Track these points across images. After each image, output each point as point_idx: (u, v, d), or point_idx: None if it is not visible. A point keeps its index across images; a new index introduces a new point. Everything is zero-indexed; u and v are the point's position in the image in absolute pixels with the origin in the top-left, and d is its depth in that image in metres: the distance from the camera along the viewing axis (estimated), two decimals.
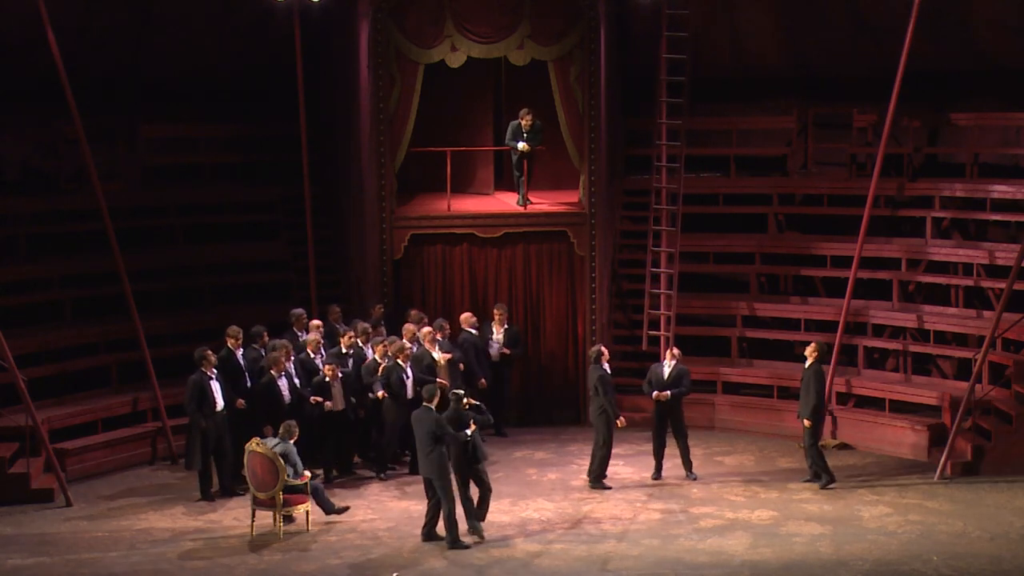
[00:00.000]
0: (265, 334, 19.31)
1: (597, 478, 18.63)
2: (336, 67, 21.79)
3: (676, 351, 19.31)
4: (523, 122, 21.30)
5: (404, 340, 19.34)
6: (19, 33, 20.53)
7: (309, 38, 21.34)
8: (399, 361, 18.93)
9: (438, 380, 18.48)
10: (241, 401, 18.53)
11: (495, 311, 20.77)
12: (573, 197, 22.10)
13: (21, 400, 18.13)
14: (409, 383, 18.94)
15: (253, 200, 22.70)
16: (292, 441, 16.93)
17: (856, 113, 22.18)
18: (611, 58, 21.59)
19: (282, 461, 16.77)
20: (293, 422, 17.20)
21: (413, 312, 20.40)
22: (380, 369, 18.93)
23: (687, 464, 18.97)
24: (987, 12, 21.28)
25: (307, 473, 17.33)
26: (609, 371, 18.76)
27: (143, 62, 22.20)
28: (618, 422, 18.47)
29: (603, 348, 18.89)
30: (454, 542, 16.26)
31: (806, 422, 18.44)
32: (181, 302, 21.58)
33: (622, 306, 22.27)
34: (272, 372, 18.43)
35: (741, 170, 22.94)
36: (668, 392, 18.77)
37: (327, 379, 18.71)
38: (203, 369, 18.13)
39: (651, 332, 21.43)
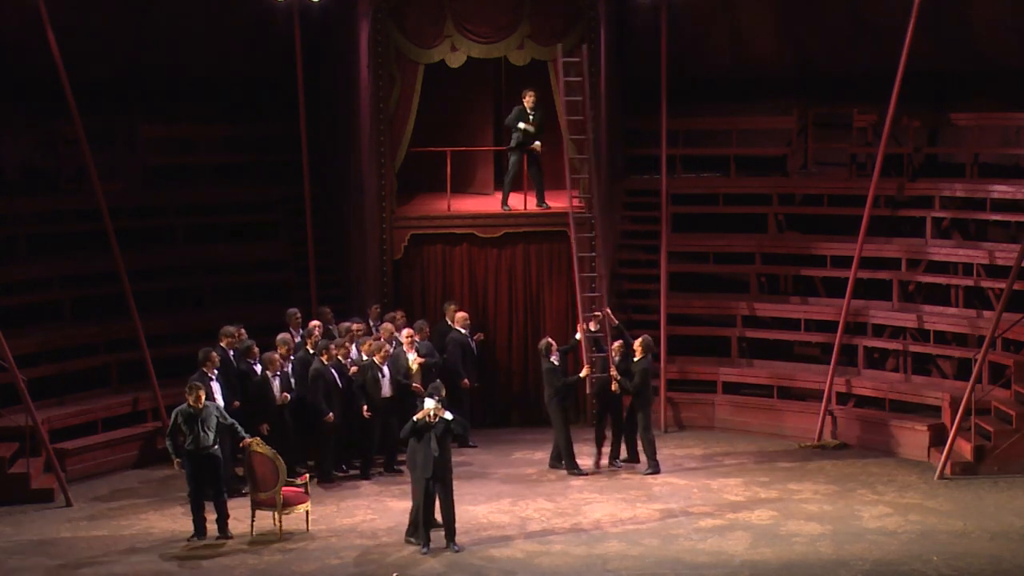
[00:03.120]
0: (242, 331, 19.30)
1: (571, 464, 19.17)
2: (336, 67, 21.78)
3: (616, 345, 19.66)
4: (527, 101, 21.20)
5: (382, 340, 19.36)
6: (19, 33, 20.52)
7: (309, 38, 21.33)
8: (375, 360, 18.94)
9: (414, 385, 19.01)
10: (236, 403, 18.54)
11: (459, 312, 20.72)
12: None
13: (21, 400, 18.14)
14: (385, 382, 18.98)
15: (253, 200, 22.67)
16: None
17: (856, 113, 22.17)
18: (611, 58, 21.58)
19: (282, 460, 16.81)
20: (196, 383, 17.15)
21: (399, 313, 20.49)
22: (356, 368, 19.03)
23: (615, 453, 19.48)
24: (987, 12, 21.29)
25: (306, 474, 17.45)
26: (557, 363, 19.34)
27: (143, 62, 22.18)
28: (584, 372, 19.43)
29: (551, 341, 19.43)
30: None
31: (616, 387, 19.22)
32: (181, 302, 21.58)
33: (622, 306, 22.26)
34: (268, 372, 18.43)
35: (741, 170, 22.94)
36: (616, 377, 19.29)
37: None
38: (204, 370, 18.12)
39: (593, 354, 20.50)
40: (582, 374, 19.54)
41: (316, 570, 15.85)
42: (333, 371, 18.81)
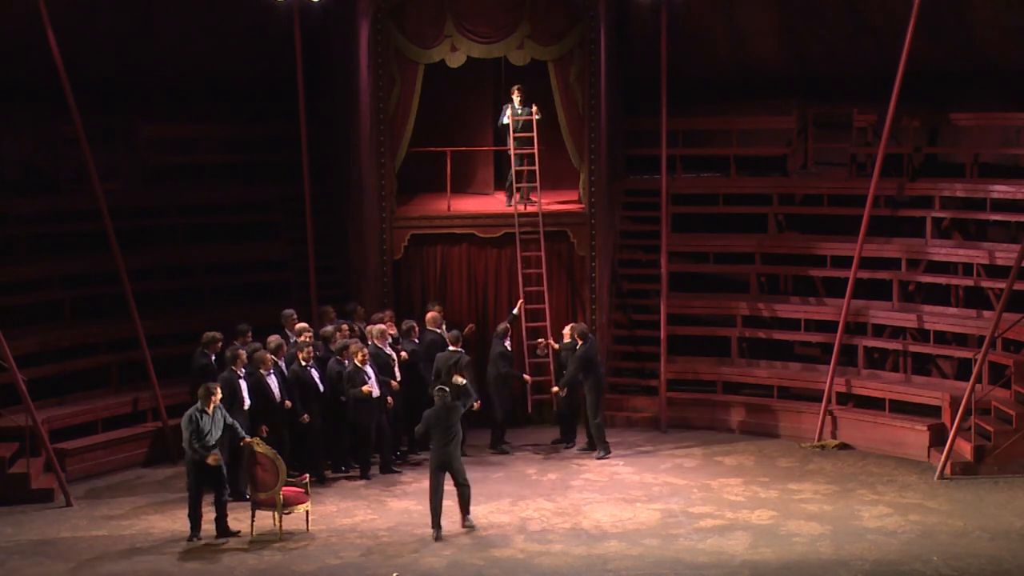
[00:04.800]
0: (249, 333, 19.28)
1: (497, 443, 19.95)
2: (336, 67, 21.79)
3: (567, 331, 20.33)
4: (515, 99, 21.36)
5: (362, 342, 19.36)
6: (19, 33, 20.52)
7: (309, 38, 21.33)
8: (357, 363, 18.93)
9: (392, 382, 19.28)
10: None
11: (437, 309, 20.74)
12: (573, 197, 22.10)
13: (21, 400, 18.14)
14: (371, 383, 18.97)
15: (253, 200, 22.69)
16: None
17: (856, 113, 22.18)
18: (611, 58, 21.59)
19: (282, 460, 16.82)
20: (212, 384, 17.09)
21: (388, 313, 20.45)
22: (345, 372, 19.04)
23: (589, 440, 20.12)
24: (987, 12, 21.27)
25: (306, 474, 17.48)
26: (509, 349, 20.21)
27: (143, 62, 22.19)
28: (525, 377, 20.51)
29: (508, 326, 20.35)
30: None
31: (560, 391, 19.94)
32: (181, 302, 21.58)
33: (622, 306, 22.28)
34: (261, 371, 18.38)
35: (741, 170, 22.95)
36: (557, 389, 20.22)
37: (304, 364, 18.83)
38: (233, 368, 18.11)
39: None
40: (525, 377, 20.41)
41: (316, 570, 15.85)
42: (313, 371, 18.82)
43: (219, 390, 16.97)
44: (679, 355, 21.83)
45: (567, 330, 20.14)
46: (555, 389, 20.15)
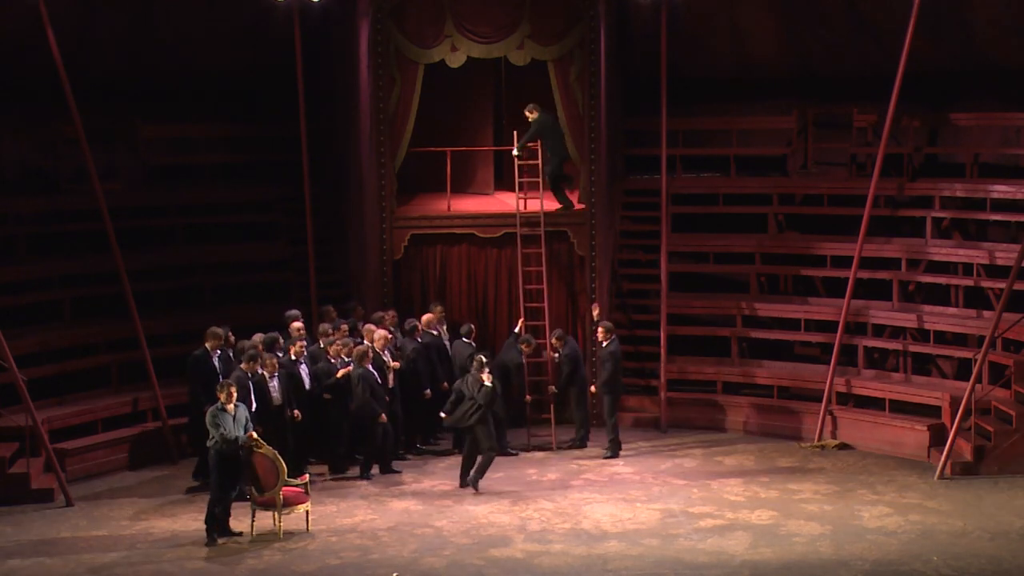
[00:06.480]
0: (230, 334, 19.23)
1: (503, 446, 19.75)
2: (336, 67, 21.79)
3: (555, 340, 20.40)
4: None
5: (366, 343, 19.29)
6: (19, 33, 20.52)
7: (309, 38, 21.33)
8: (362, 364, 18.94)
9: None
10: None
11: (438, 310, 20.74)
12: (573, 197, 22.08)
13: (21, 400, 18.14)
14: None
15: (253, 200, 22.68)
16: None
17: (856, 113, 22.17)
18: (611, 58, 21.59)
19: (282, 460, 16.82)
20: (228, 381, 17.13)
21: (390, 313, 20.44)
22: (346, 372, 19.00)
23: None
24: (987, 12, 21.27)
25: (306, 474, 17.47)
26: (525, 361, 20.29)
27: (143, 62, 22.19)
28: (527, 397, 20.53)
29: (532, 339, 20.31)
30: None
31: (592, 390, 20.30)
32: (181, 302, 21.58)
33: (622, 306, 22.28)
34: (264, 373, 18.39)
35: (741, 170, 22.95)
36: (553, 388, 20.44)
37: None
38: (243, 367, 18.13)
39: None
40: (527, 397, 20.50)
41: (316, 570, 15.85)
42: (302, 367, 18.82)
43: (234, 388, 16.92)
44: (679, 355, 21.83)
45: (555, 340, 20.14)
46: (599, 394, 20.12)
